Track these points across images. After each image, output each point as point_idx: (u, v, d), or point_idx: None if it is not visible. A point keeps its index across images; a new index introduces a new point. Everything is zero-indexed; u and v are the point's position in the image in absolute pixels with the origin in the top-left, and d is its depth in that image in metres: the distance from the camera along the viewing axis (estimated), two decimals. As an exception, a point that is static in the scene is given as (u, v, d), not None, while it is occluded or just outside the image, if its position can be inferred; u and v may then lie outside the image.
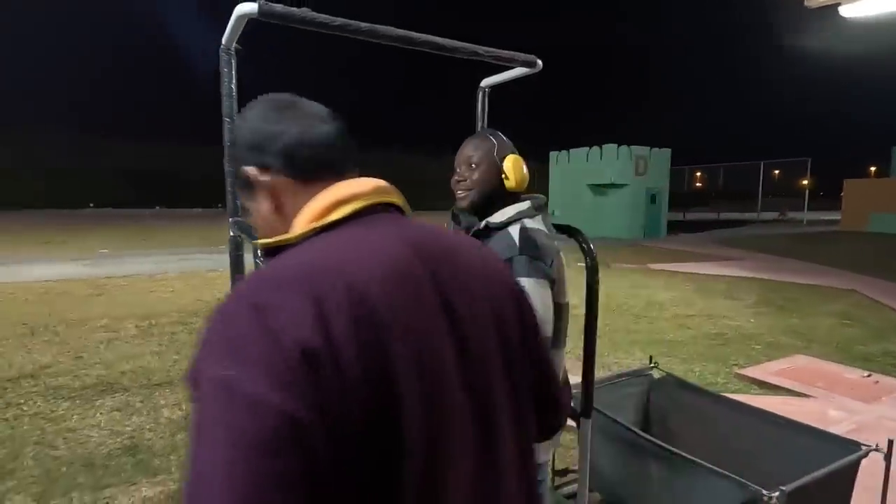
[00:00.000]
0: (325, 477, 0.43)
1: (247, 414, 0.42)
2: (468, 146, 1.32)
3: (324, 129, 0.64)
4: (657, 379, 2.50)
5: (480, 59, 1.43)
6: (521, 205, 1.29)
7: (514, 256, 1.18)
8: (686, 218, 29.96)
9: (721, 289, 7.74)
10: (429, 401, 0.50)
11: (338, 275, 0.49)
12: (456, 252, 0.62)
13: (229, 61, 1.35)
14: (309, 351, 0.44)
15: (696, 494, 1.67)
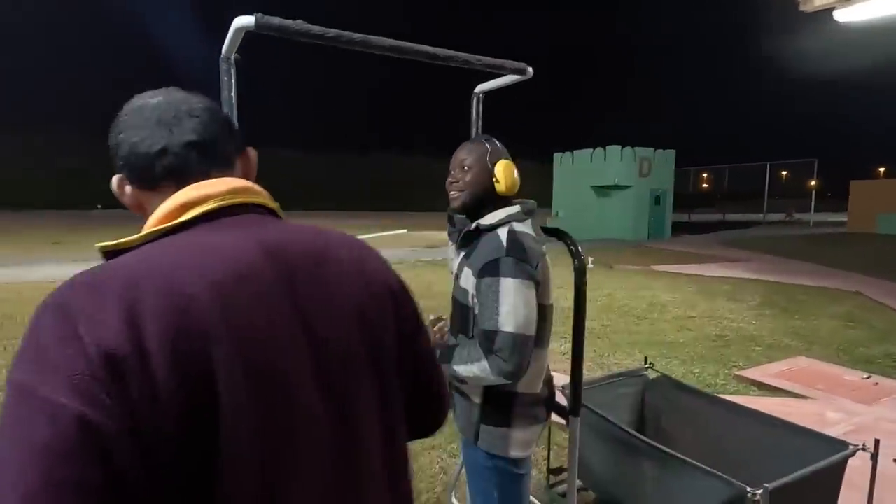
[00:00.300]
0: (135, 485, 0.43)
1: (44, 420, 0.41)
2: (462, 150, 1.37)
3: (163, 135, 0.61)
4: (652, 379, 2.53)
5: (473, 67, 1.47)
6: (511, 208, 1.33)
7: (501, 258, 1.22)
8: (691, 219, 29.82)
9: (724, 290, 7.74)
10: (265, 407, 0.49)
11: (162, 279, 0.48)
12: (323, 253, 0.62)
13: (228, 70, 1.39)
14: (114, 358, 0.43)
15: (686, 492, 1.70)
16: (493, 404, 1.30)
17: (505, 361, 1.16)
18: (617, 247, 14.79)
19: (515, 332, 1.16)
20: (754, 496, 1.43)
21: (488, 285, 1.20)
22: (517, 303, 1.17)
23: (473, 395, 1.32)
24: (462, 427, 1.36)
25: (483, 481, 1.34)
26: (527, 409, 1.31)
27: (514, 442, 1.29)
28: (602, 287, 7.98)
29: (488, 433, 1.29)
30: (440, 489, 2.45)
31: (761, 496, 1.42)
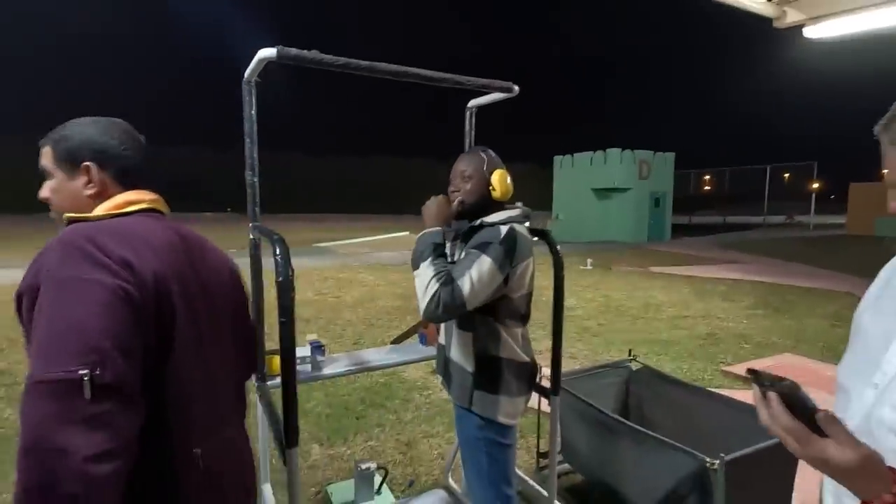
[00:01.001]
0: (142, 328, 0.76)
1: (98, 288, 0.72)
2: (462, 161, 1.55)
3: (140, 155, 0.98)
4: (635, 370, 2.72)
5: (463, 87, 1.67)
6: (512, 211, 1.52)
7: (493, 243, 1.38)
8: (692, 222, 29.96)
9: (719, 291, 7.91)
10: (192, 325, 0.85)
11: (140, 237, 0.83)
12: (202, 241, 1.01)
13: (250, 91, 1.60)
14: (131, 265, 0.76)
15: (658, 466, 1.88)
16: (485, 373, 1.48)
17: (437, 304, 1.31)
18: (616, 249, 14.97)
19: (463, 296, 1.31)
20: (713, 465, 1.62)
21: (472, 254, 1.38)
22: (482, 278, 1.33)
23: (468, 364, 1.50)
24: (458, 396, 1.52)
25: (475, 450, 1.52)
26: (513, 377, 1.49)
27: (501, 408, 1.48)
28: (599, 288, 8.16)
29: (480, 398, 1.47)
30: (437, 472, 2.64)
31: (718, 465, 1.61)
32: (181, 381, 0.82)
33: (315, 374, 1.81)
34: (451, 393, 1.56)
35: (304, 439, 3.00)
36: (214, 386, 0.93)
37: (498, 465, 1.51)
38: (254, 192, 1.67)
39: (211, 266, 0.98)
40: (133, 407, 0.72)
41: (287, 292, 1.15)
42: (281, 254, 1.18)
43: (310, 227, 25.57)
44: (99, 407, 0.66)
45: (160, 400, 0.78)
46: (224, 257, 1.05)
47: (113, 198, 0.91)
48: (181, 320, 0.81)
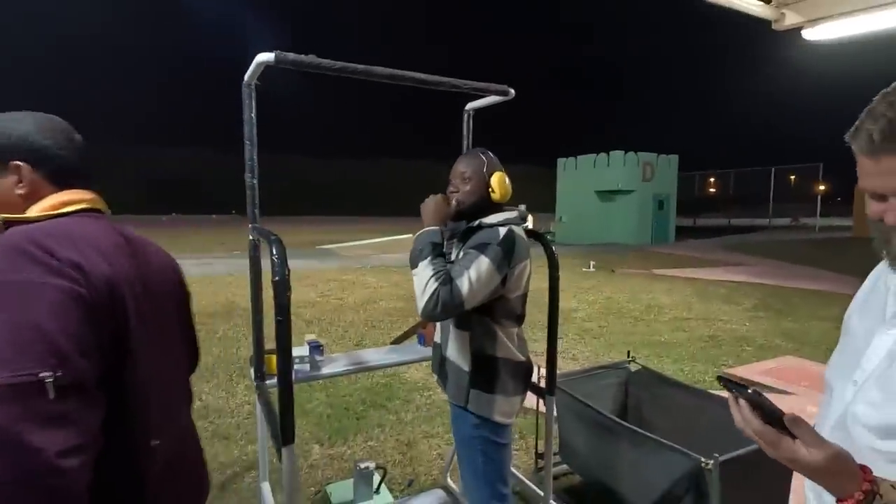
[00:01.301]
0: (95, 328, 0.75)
1: (52, 290, 0.71)
2: (461, 162, 1.55)
3: (77, 155, 0.93)
4: (634, 372, 2.72)
5: (460, 90, 1.69)
6: (510, 213, 1.53)
7: (492, 244, 1.39)
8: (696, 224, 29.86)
9: (721, 293, 7.89)
10: (144, 324, 0.84)
11: (85, 239, 0.81)
12: (144, 241, 1.00)
13: (250, 94, 1.63)
14: (79, 267, 0.74)
15: (654, 466, 1.89)
16: (481, 372, 1.49)
17: (437, 302, 1.32)
18: (619, 251, 14.94)
19: (462, 294, 1.33)
20: (707, 465, 1.63)
21: (470, 254, 1.39)
22: (481, 277, 1.35)
23: (464, 364, 1.50)
24: (453, 395, 1.53)
25: (470, 449, 1.53)
26: (508, 376, 1.51)
27: (497, 407, 1.49)
28: (602, 290, 8.15)
29: (476, 397, 1.48)
30: (437, 472, 2.65)
31: (713, 465, 1.62)
32: (137, 379, 0.83)
33: (313, 374, 1.83)
34: (446, 391, 1.58)
35: (305, 439, 3.02)
36: (168, 381, 0.96)
37: (493, 463, 1.52)
38: (253, 193, 1.70)
39: (155, 266, 0.98)
40: (95, 402, 0.75)
41: (284, 292, 1.17)
42: (277, 254, 1.20)
43: (313, 229, 25.67)
44: (64, 405, 0.69)
45: (118, 397, 0.80)
46: (167, 257, 1.06)
47: (47, 198, 0.88)
48: (133, 320, 0.82)
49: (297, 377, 1.79)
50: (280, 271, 1.17)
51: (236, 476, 2.59)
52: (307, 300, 7.27)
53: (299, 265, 10.99)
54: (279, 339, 1.19)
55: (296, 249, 15.19)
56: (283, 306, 1.17)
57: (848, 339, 0.85)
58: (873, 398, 0.73)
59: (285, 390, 1.22)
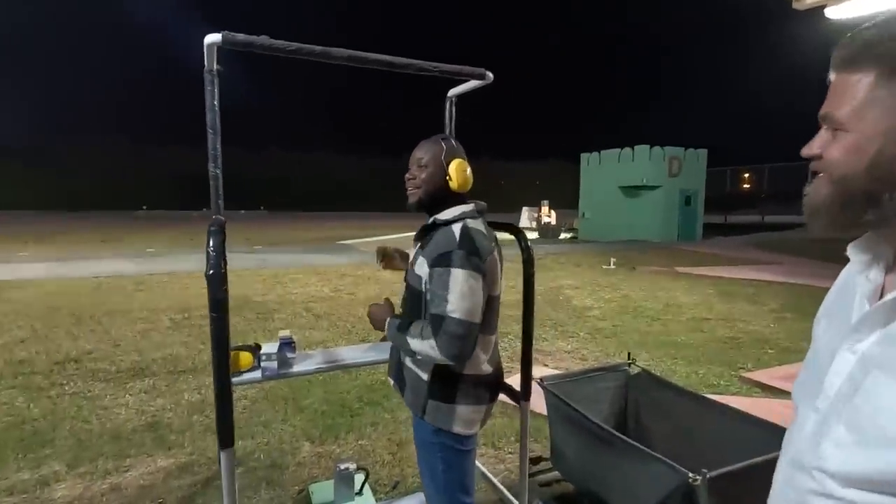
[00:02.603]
0: None
1: None
2: (419, 149, 1.46)
3: None
4: (633, 375, 2.58)
5: (429, 73, 1.59)
6: (465, 207, 1.43)
7: (453, 250, 1.30)
8: (727, 221, 28.86)
9: (745, 293, 7.54)
10: None
11: None
12: None
13: (212, 80, 1.56)
14: None
15: (640, 478, 1.76)
16: (440, 382, 1.39)
17: (450, 345, 1.25)
18: (643, 248, 14.54)
19: (461, 319, 1.25)
20: (695, 480, 1.49)
21: (440, 274, 1.29)
22: (464, 291, 1.26)
23: (423, 372, 1.41)
24: (411, 403, 1.45)
25: (429, 455, 1.44)
26: (471, 388, 1.41)
27: (458, 418, 1.39)
28: (620, 288, 7.91)
29: (434, 408, 1.39)
30: (425, 474, 2.57)
31: (701, 481, 1.48)
32: None
33: (283, 372, 1.77)
34: (403, 398, 1.49)
35: (296, 436, 2.98)
36: None
37: (453, 471, 1.43)
38: (216, 185, 1.63)
39: None
40: None
41: (218, 285, 1.10)
42: (214, 247, 1.14)
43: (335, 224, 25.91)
44: None
45: None
46: None
47: None
48: None
49: (265, 374, 1.73)
50: (215, 263, 1.10)
51: (222, 472, 2.57)
52: (320, 295, 7.29)
53: (316, 260, 11.07)
54: (214, 338, 1.12)
55: (315, 245, 15.34)
56: (217, 301, 1.10)
57: (813, 352, 0.71)
58: (839, 436, 0.58)
59: (221, 392, 1.15)
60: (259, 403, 3.42)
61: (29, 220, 26.01)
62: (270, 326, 5.47)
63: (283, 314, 6.05)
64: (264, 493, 2.41)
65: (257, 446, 2.85)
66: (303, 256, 11.64)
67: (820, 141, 0.59)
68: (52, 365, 4.14)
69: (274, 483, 2.49)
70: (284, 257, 11.46)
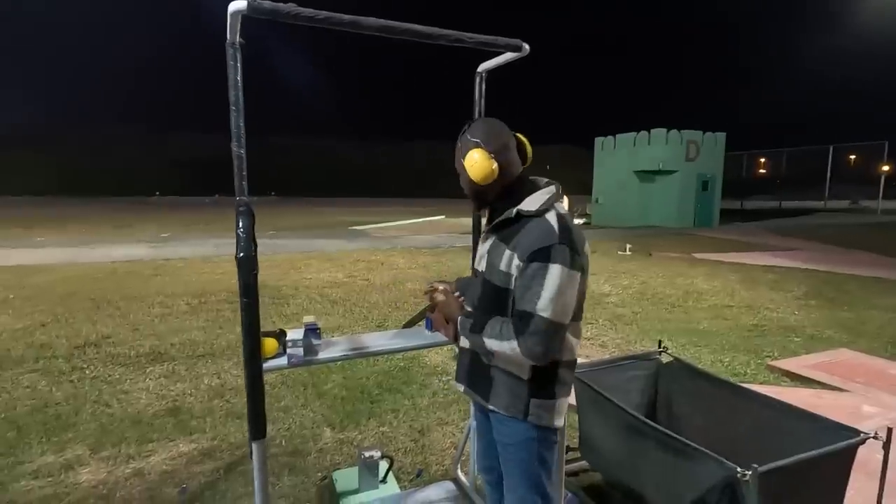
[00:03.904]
0: None
1: None
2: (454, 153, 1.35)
3: None
4: (665, 363, 2.49)
5: (464, 45, 1.49)
6: (549, 190, 1.29)
7: (555, 244, 1.17)
8: (744, 206, 28.32)
9: (768, 280, 7.37)
10: None
11: None
12: None
13: (234, 55, 1.47)
14: None
15: (682, 473, 1.69)
16: (542, 378, 1.29)
17: (536, 345, 1.16)
18: (659, 234, 14.32)
19: (552, 319, 1.16)
20: (744, 476, 1.42)
21: (536, 269, 1.18)
22: (561, 290, 1.16)
23: (521, 371, 1.29)
24: (506, 405, 1.31)
25: (524, 453, 1.34)
26: (566, 377, 1.33)
27: (557, 412, 1.32)
28: (637, 275, 7.78)
29: (538, 406, 1.29)
30: (449, 462, 2.53)
31: (750, 477, 1.40)
32: None
33: (308, 359, 1.71)
34: (489, 402, 1.35)
35: (317, 422, 2.96)
36: None
37: (547, 464, 1.36)
38: (240, 164, 1.56)
39: None
40: None
41: (249, 269, 1.04)
42: (244, 227, 1.07)
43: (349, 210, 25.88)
44: None
45: None
46: None
47: None
48: None
49: (291, 361, 1.67)
50: (245, 246, 1.04)
51: (245, 457, 2.54)
52: (335, 280, 7.27)
53: (330, 246, 11.05)
54: (245, 324, 1.06)
55: (329, 230, 15.33)
56: (248, 286, 1.04)
57: None
58: None
59: (253, 380, 1.10)
60: (279, 389, 3.40)
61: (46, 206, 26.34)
62: (286, 311, 5.45)
63: (299, 299, 6.03)
64: (287, 480, 2.38)
65: (278, 432, 2.82)
66: (316, 242, 11.63)
67: None
68: (73, 349, 4.16)
69: (296, 470, 2.47)
70: (298, 242, 11.46)
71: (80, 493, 2.27)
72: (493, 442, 1.45)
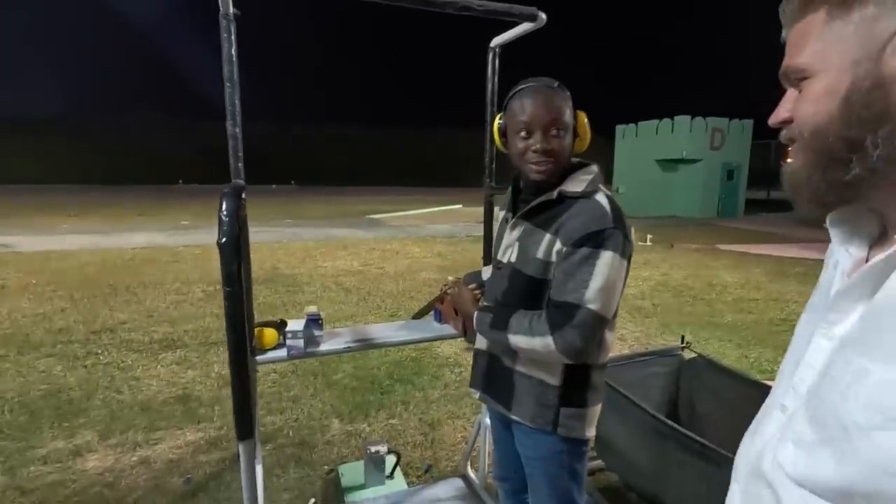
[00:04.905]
0: None
1: None
2: (550, 102, 1.09)
3: None
4: (688, 360, 2.36)
5: (473, 13, 1.37)
6: (593, 169, 1.17)
7: (608, 228, 1.06)
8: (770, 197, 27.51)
9: (796, 273, 7.09)
10: None
11: None
12: None
13: (228, 27, 1.38)
14: None
15: (705, 476, 1.57)
16: (574, 384, 1.16)
17: (576, 339, 1.04)
18: (681, 224, 13.96)
19: (598, 312, 1.04)
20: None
21: (585, 256, 1.05)
22: (611, 281, 1.05)
23: (550, 376, 1.16)
24: (531, 415, 1.18)
25: (553, 467, 1.23)
26: (598, 381, 1.21)
27: (589, 421, 1.20)
28: (658, 266, 7.57)
29: (568, 417, 1.17)
30: (458, 458, 2.45)
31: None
32: None
33: (309, 351, 1.64)
34: (511, 412, 1.22)
35: (326, 413, 2.90)
36: None
37: (577, 476, 1.25)
38: (235, 145, 1.48)
39: None
40: None
41: (232, 257, 0.95)
42: (227, 210, 0.98)
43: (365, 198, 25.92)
44: None
45: None
46: None
47: None
48: None
49: (290, 353, 1.60)
50: (227, 231, 0.94)
51: (251, 448, 2.51)
52: (349, 269, 7.24)
53: (345, 234, 11.04)
54: (229, 315, 0.97)
55: (344, 219, 15.34)
56: (231, 275, 0.94)
57: (792, 342, 0.60)
58: (802, 435, 0.47)
59: (239, 376, 1.01)
60: (288, 378, 3.36)
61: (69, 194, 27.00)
62: (300, 300, 5.43)
63: (313, 287, 6.01)
64: (293, 472, 2.33)
65: (286, 422, 2.78)
66: (332, 231, 11.63)
67: (786, 103, 0.51)
68: (89, 334, 4.20)
69: (303, 462, 2.42)
70: (314, 231, 11.48)
71: (87, 480, 2.26)
72: (511, 451, 1.34)
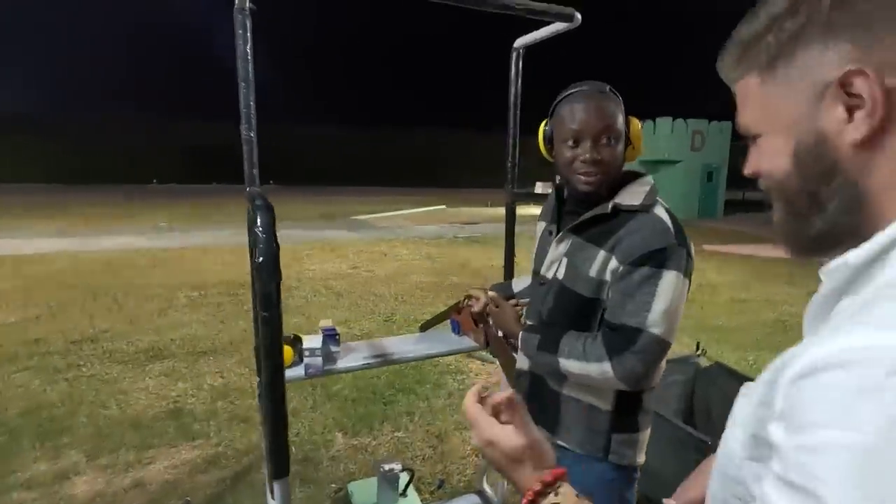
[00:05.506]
0: None
1: None
2: (601, 108, 1.03)
3: None
4: (703, 367, 2.33)
5: (511, 12, 1.30)
6: (646, 180, 1.11)
7: (670, 245, 0.98)
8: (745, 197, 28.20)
9: (782, 273, 7.22)
10: None
11: None
12: None
13: (244, 22, 1.28)
14: None
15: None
16: (627, 408, 1.09)
17: (638, 366, 0.97)
18: (664, 225, 14.15)
19: (661, 337, 0.97)
20: None
21: (646, 276, 0.98)
22: (674, 303, 0.98)
23: (601, 401, 1.09)
24: (580, 441, 1.11)
25: (603, 497, 1.13)
26: (649, 404, 1.14)
27: (640, 447, 1.13)
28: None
29: (620, 443, 1.10)
30: (469, 471, 2.37)
31: None
32: None
33: (328, 369, 1.54)
34: (558, 438, 1.14)
35: (328, 427, 2.79)
36: None
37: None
38: (251, 150, 1.37)
39: None
40: None
41: (270, 277, 0.85)
42: (263, 227, 0.88)
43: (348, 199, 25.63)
44: None
45: None
46: None
47: None
48: None
49: (308, 372, 1.50)
50: (266, 249, 0.85)
51: (252, 466, 2.38)
52: (338, 272, 7.09)
53: (332, 236, 10.84)
54: (266, 344, 0.87)
55: (328, 220, 15.11)
56: (268, 297, 0.85)
57: None
58: None
59: (275, 409, 0.92)
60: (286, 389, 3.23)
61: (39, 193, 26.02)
62: (290, 304, 5.27)
63: (303, 292, 5.85)
64: (299, 492, 2.22)
65: (287, 437, 2.66)
66: (317, 232, 11.42)
67: (751, 156, 0.52)
68: (69, 345, 3.98)
69: (308, 479, 2.31)
70: (299, 233, 11.24)
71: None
72: None
